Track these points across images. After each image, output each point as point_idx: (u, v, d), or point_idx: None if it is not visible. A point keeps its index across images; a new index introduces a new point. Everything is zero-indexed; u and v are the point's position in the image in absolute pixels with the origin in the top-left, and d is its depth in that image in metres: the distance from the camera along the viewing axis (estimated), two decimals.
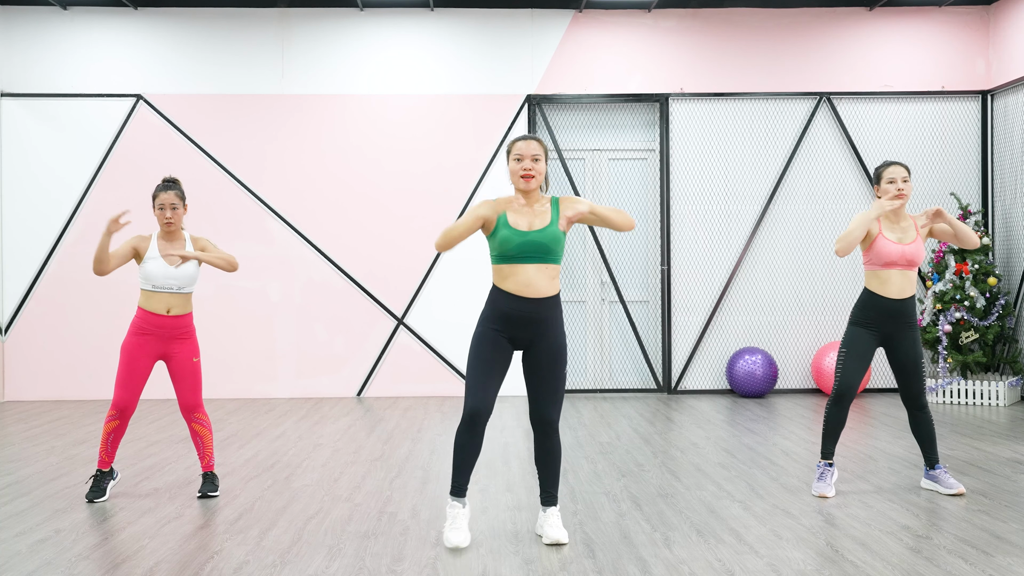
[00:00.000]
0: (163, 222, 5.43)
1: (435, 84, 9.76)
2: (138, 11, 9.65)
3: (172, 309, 5.40)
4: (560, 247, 4.42)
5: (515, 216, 4.41)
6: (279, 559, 4.29)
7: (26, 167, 9.58)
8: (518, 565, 4.17)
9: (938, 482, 5.35)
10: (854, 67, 9.81)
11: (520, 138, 4.49)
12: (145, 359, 5.39)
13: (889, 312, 5.24)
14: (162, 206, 5.43)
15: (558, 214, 4.42)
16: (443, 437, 7.31)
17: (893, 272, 5.25)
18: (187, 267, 5.41)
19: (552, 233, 4.38)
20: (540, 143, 4.47)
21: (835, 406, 5.34)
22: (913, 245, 5.25)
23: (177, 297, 5.42)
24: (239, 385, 9.59)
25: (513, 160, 4.44)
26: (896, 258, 5.22)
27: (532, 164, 4.40)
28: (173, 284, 5.39)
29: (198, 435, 5.52)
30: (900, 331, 5.27)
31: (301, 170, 9.68)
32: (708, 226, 9.81)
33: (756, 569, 4.07)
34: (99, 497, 5.36)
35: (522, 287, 4.36)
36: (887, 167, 5.33)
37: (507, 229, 4.37)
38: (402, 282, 9.68)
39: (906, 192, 5.25)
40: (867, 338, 5.29)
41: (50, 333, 9.52)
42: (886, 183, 5.29)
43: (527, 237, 4.35)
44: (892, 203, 5.20)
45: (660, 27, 9.82)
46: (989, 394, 8.79)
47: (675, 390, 9.77)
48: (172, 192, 5.46)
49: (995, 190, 9.74)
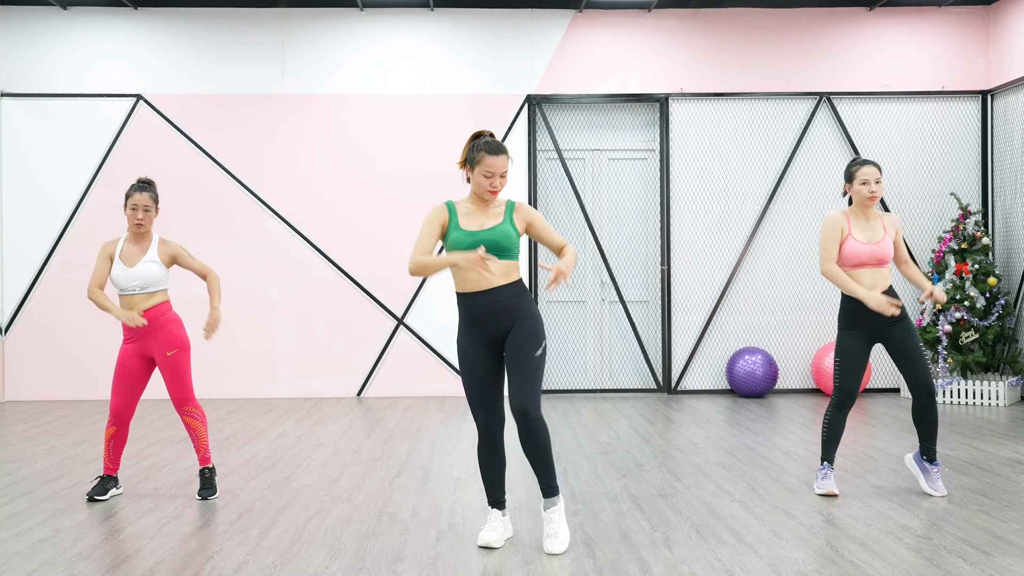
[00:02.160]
0: (133, 222, 5.39)
1: (435, 84, 9.76)
2: (138, 11, 9.65)
3: (136, 307, 5.38)
4: (513, 244, 4.33)
5: (466, 219, 4.36)
6: (279, 559, 4.29)
7: (26, 167, 9.58)
8: (518, 565, 4.17)
9: (927, 476, 5.32)
10: (854, 67, 9.81)
11: (491, 150, 4.31)
12: (133, 362, 5.40)
13: (870, 310, 5.23)
14: (135, 207, 5.38)
15: (511, 217, 4.38)
16: (443, 437, 7.31)
17: (863, 272, 5.23)
18: (148, 267, 5.37)
19: (504, 230, 4.31)
20: (508, 156, 4.36)
21: (837, 413, 5.32)
22: (882, 243, 5.24)
23: (141, 296, 5.39)
24: (239, 385, 9.59)
25: (481, 174, 4.31)
26: (866, 258, 5.22)
27: (500, 181, 4.32)
28: (136, 285, 5.37)
29: (191, 428, 5.48)
30: (888, 325, 5.25)
31: (301, 170, 9.68)
32: (708, 226, 9.81)
33: (756, 569, 4.07)
34: (100, 495, 5.38)
35: (474, 283, 4.29)
36: (861, 166, 5.28)
37: (458, 231, 4.32)
38: (402, 282, 9.68)
39: (878, 193, 5.24)
40: (858, 341, 5.27)
41: (50, 333, 9.52)
42: (859, 184, 5.27)
43: (477, 236, 4.29)
44: (882, 307, 5.12)
45: (660, 27, 9.83)
46: (989, 394, 8.79)
47: (675, 390, 9.77)
48: (146, 194, 5.41)
49: (995, 190, 9.74)
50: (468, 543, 4.51)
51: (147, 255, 5.42)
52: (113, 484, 5.49)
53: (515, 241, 4.35)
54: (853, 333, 5.27)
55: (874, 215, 5.32)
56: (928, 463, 5.35)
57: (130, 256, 5.40)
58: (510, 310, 4.34)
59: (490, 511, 4.52)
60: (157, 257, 5.44)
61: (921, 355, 5.23)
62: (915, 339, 5.25)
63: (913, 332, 5.26)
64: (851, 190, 5.31)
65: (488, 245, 4.29)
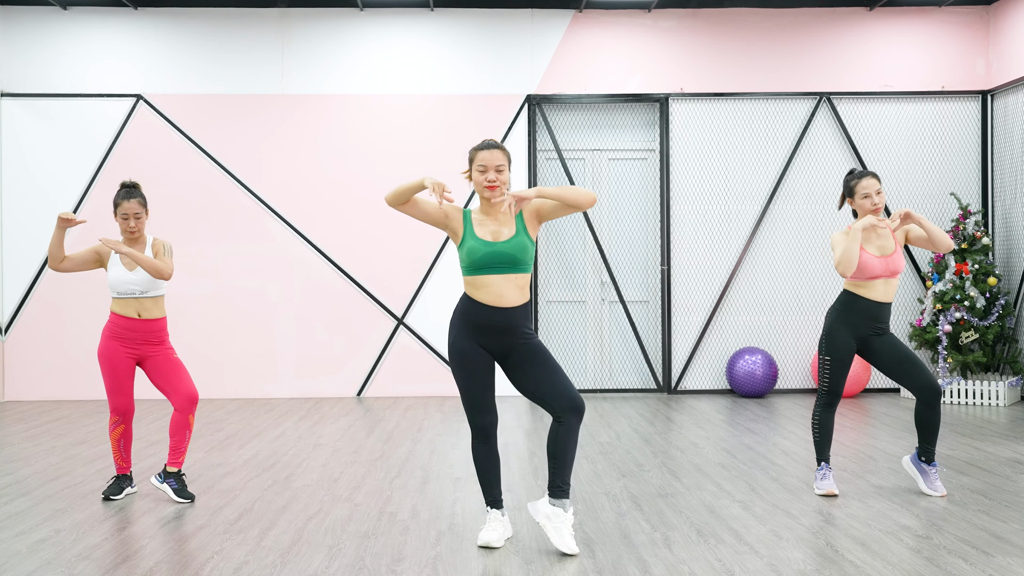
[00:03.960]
0: (126, 231, 5.36)
1: (435, 84, 9.76)
2: (138, 11, 9.65)
3: (142, 313, 5.36)
4: (528, 256, 4.34)
5: (480, 227, 4.35)
6: (279, 559, 4.29)
7: (26, 167, 9.58)
8: (518, 565, 4.17)
9: (926, 477, 5.33)
10: (854, 67, 9.81)
11: (483, 147, 4.33)
12: (124, 360, 5.38)
13: (869, 313, 5.23)
14: (125, 215, 5.34)
15: (523, 222, 4.37)
16: (443, 437, 7.32)
17: (877, 283, 5.25)
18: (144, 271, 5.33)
19: (519, 243, 4.32)
20: (504, 152, 4.34)
21: (826, 413, 5.34)
22: (895, 256, 5.24)
23: (144, 301, 5.37)
24: (239, 385, 9.59)
25: (477, 171, 4.32)
26: (880, 271, 5.22)
27: (496, 175, 4.30)
28: (135, 289, 5.34)
29: (188, 428, 5.39)
30: (876, 335, 5.27)
31: (301, 170, 9.68)
32: (708, 226, 9.81)
33: (756, 569, 4.07)
34: (115, 494, 5.39)
35: (494, 298, 4.31)
36: (860, 179, 5.26)
37: (473, 240, 4.31)
38: (402, 282, 9.68)
39: (880, 204, 5.25)
40: (847, 341, 5.27)
41: (50, 333, 9.52)
42: (860, 198, 5.25)
43: (493, 248, 4.28)
44: (874, 218, 5.16)
45: (660, 27, 9.82)
46: (989, 394, 8.79)
47: (675, 390, 9.77)
48: (135, 200, 5.36)
49: (995, 190, 9.74)
50: (468, 543, 4.51)
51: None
52: (128, 483, 5.50)
53: (530, 253, 4.36)
54: (842, 332, 5.28)
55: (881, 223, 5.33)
56: (926, 464, 5.35)
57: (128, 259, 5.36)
58: (516, 329, 4.37)
59: (489, 511, 4.51)
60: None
61: (917, 358, 5.26)
62: (904, 345, 5.29)
63: (900, 341, 5.31)
64: (853, 204, 5.31)
65: (504, 259, 4.29)
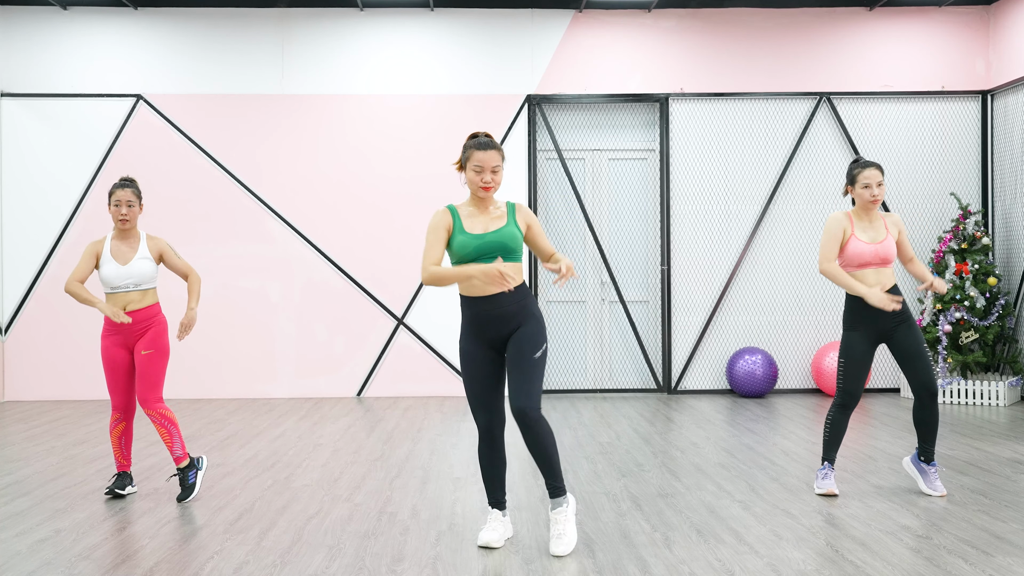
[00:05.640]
0: (118, 219, 5.42)
1: (435, 84, 9.76)
2: (138, 11, 9.65)
3: (129, 305, 5.39)
4: (519, 245, 4.33)
5: (470, 221, 4.34)
6: (279, 559, 4.29)
7: (26, 167, 9.58)
8: (518, 565, 4.17)
9: (926, 478, 5.33)
10: (854, 67, 9.81)
11: (479, 146, 4.31)
12: (118, 353, 5.40)
13: (874, 310, 5.23)
14: (118, 203, 5.42)
15: (514, 217, 4.37)
16: (443, 437, 7.31)
17: (868, 271, 5.24)
18: (141, 264, 5.39)
19: (510, 232, 4.31)
20: (500, 152, 4.33)
21: (840, 413, 5.33)
22: (885, 243, 5.25)
23: (134, 294, 5.41)
24: (239, 385, 9.59)
25: (472, 170, 4.31)
26: (870, 258, 5.22)
27: (491, 176, 4.30)
28: (130, 283, 5.38)
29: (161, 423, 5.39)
30: (891, 325, 5.25)
31: (301, 170, 9.68)
32: (708, 226, 9.81)
33: (756, 569, 4.07)
34: (120, 489, 5.41)
35: (479, 288, 4.30)
36: (863, 169, 5.28)
37: (463, 235, 4.30)
38: (402, 282, 9.67)
39: (879, 196, 5.25)
40: (863, 342, 5.27)
41: (50, 333, 9.52)
42: (861, 187, 5.26)
43: (484, 239, 4.28)
44: (887, 302, 5.12)
45: (660, 27, 9.82)
46: (989, 394, 8.79)
47: (675, 390, 9.77)
48: (129, 190, 5.44)
49: (995, 190, 9.74)
50: (468, 543, 4.51)
51: (139, 252, 5.44)
52: (129, 481, 5.51)
53: (520, 243, 4.35)
54: (858, 334, 5.27)
55: (876, 216, 5.33)
56: (925, 464, 5.35)
57: (121, 254, 5.41)
58: (515, 314, 4.34)
59: (490, 511, 4.51)
60: (148, 253, 5.47)
61: (925, 355, 5.23)
62: (919, 339, 5.25)
63: (916, 332, 5.26)
64: (853, 192, 5.31)
65: (495, 248, 4.28)
